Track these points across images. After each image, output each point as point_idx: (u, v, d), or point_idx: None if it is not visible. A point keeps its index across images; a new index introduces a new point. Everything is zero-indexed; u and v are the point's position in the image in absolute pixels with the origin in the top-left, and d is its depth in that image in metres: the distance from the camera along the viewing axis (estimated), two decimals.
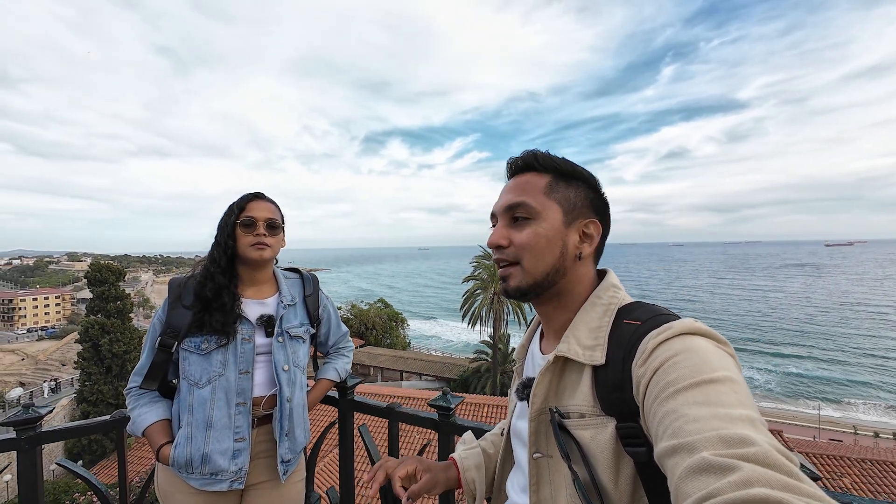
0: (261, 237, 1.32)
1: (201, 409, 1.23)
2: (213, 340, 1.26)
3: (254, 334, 1.32)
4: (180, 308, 1.28)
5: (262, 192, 1.40)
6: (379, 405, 1.61)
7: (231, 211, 1.33)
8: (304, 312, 1.47)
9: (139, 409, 1.27)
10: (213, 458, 1.22)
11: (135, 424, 1.27)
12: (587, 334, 0.69)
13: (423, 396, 13.21)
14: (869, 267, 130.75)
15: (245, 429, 1.27)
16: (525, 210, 0.73)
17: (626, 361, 0.62)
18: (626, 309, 0.70)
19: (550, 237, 0.71)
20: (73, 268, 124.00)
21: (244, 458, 1.26)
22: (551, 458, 0.71)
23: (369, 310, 38.63)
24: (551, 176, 0.74)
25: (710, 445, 0.44)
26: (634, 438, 0.60)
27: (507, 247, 0.74)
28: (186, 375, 1.26)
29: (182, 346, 1.27)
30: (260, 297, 1.39)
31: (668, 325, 0.59)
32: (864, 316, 56.49)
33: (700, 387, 0.50)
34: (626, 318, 0.67)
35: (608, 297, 0.72)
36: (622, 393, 0.62)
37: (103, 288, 19.67)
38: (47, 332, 55.02)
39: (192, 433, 1.23)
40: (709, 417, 0.46)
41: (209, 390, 1.24)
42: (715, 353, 0.55)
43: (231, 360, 1.27)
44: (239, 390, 1.27)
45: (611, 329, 0.68)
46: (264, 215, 1.34)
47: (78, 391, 19.49)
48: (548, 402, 0.72)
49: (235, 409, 1.26)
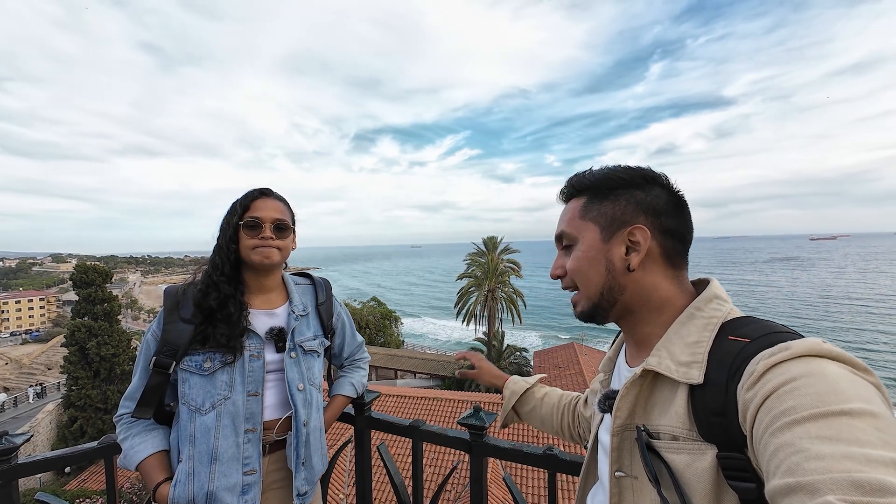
0: (267, 240, 1.16)
1: (204, 440, 1.06)
2: (218, 359, 1.09)
3: (263, 350, 1.16)
4: (178, 322, 1.10)
5: (270, 188, 1.24)
6: (401, 423, 1.46)
7: (234, 210, 1.17)
8: (317, 323, 1.30)
9: (132, 440, 1.09)
10: (219, 497, 1.05)
11: (127, 458, 1.09)
12: (682, 349, 0.62)
13: (419, 395, 13.10)
14: (851, 261, 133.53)
15: (255, 459, 1.11)
16: (567, 237, 0.75)
17: (730, 383, 0.54)
18: (732, 324, 0.61)
19: (591, 257, 0.71)
20: (57, 269, 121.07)
21: (255, 493, 1.10)
22: (636, 479, 0.66)
23: (362, 308, 38.32)
24: (586, 197, 0.74)
25: (839, 489, 0.36)
26: (741, 472, 0.52)
27: (564, 275, 0.75)
28: (187, 400, 1.09)
29: (181, 367, 1.09)
30: (269, 307, 1.23)
31: (786, 344, 0.50)
32: (845, 309, 57.69)
33: (826, 419, 0.41)
34: (732, 335, 0.58)
35: (710, 309, 0.64)
36: (724, 418, 0.54)
37: (90, 290, 19.10)
38: (32, 336, 53.65)
39: (194, 468, 1.05)
40: (837, 456, 0.38)
41: (213, 416, 1.07)
42: (850, 380, 0.45)
43: (238, 380, 1.11)
44: (248, 415, 1.10)
45: (712, 345, 0.60)
46: (271, 215, 1.18)
47: (65, 396, 18.92)
48: (634, 417, 0.67)
49: (244, 436, 1.10)
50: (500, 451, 1.27)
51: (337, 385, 1.43)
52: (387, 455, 1.51)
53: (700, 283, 0.72)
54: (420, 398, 12.81)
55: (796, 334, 0.55)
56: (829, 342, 0.49)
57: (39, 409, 21.07)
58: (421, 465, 1.46)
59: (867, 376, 0.46)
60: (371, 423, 1.51)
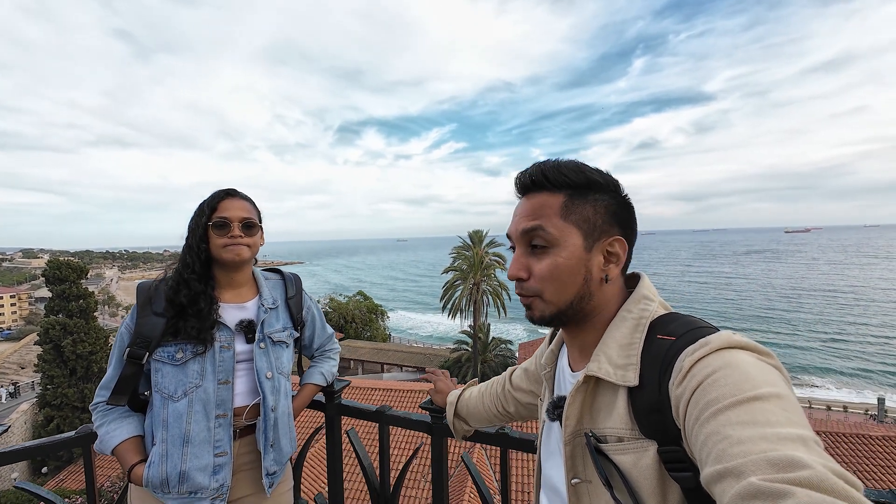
0: (236, 238, 1.23)
1: (177, 424, 1.14)
2: (189, 349, 1.17)
3: (233, 341, 1.23)
4: (151, 315, 1.18)
5: (235, 189, 1.30)
6: (368, 408, 1.56)
7: (202, 211, 1.23)
8: (286, 315, 1.39)
9: (107, 426, 1.17)
10: (191, 476, 1.13)
11: (103, 443, 1.16)
12: (618, 352, 0.65)
13: (406, 388, 13.23)
14: (822, 252, 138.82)
15: (226, 442, 1.19)
16: (542, 237, 0.67)
17: (662, 381, 0.59)
18: (659, 322, 0.65)
19: (572, 266, 0.66)
20: (28, 265, 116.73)
21: (226, 472, 1.19)
22: (591, 484, 0.68)
23: (348, 303, 38.19)
24: (565, 194, 0.67)
25: (759, 469, 0.40)
26: (679, 463, 0.56)
27: (528, 279, 0.69)
28: (160, 388, 1.16)
29: (154, 357, 1.17)
30: (239, 301, 1.30)
31: (705, 339, 0.55)
32: (818, 300, 60.12)
33: (742, 405, 0.46)
34: (661, 333, 0.63)
35: (638, 310, 0.67)
36: (661, 415, 0.58)
37: (63, 286, 18.55)
38: (3, 334, 51.74)
39: (167, 450, 1.13)
40: (755, 438, 0.43)
41: (185, 403, 1.15)
42: (758, 367, 0.51)
43: (209, 369, 1.18)
44: (219, 402, 1.18)
45: (644, 345, 0.63)
46: (239, 215, 1.24)
47: (40, 395, 18.45)
48: (582, 424, 0.68)
49: (215, 421, 1.18)
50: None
51: (307, 374, 1.52)
52: (356, 440, 1.61)
53: (632, 277, 0.74)
54: (407, 391, 12.93)
55: (714, 328, 0.60)
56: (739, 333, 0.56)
57: (13, 410, 20.48)
58: (388, 448, 1.56)
59: (770, 360, 0.53)
60: (341, 409, 1.61)
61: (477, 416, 1.16)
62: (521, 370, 1.07)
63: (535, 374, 1.01)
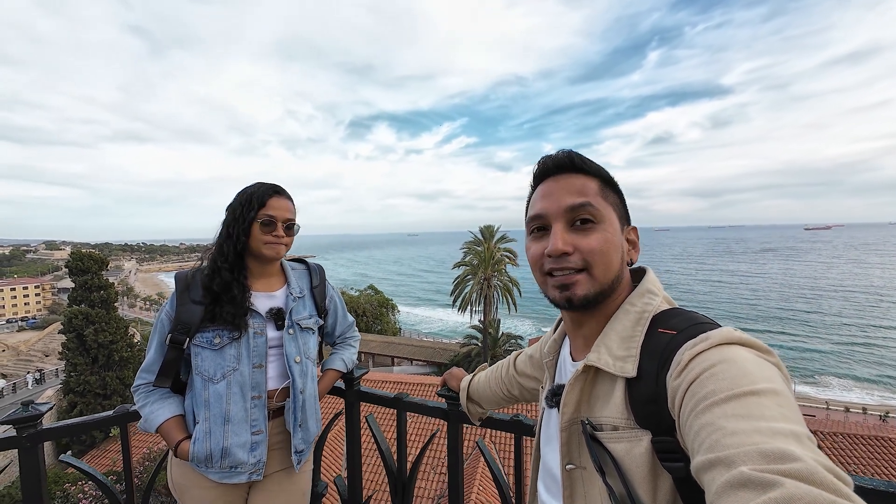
0: (280, 238, 1.30)
1: (218, 404, 1.23)
2: (226, 335, 1.25)
3: (265, 328, 1.31)
4: (189, 303, 1.25)
5: (282, 188, 1.36)
6: (387, 395, 1.62)
7: (250, 205, 1.28)
8: (312, 304, 1.46)
9: (151, 406, 1.25)
10: (233, 452, 1.23)
11: (147, 422, 1.25)
12: (618, 344, 0.67)
13: (417, 381, 13.36)
14: (844, 250, 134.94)
15: (262, 421, 1.28)
16: (591, 212, 0.68)
17: (660, 374, 0.60)
18: (661, 317, 0.67)
19: (616, 244, 0.69)
20: (51, 257, 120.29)
21: (262, 449, 1.27)
22: (584, 470, 0.70)
23: (359, 296, 38.53)
24: (599, 180, 0.72)
25: (750, 460, 0.41)
26: (672, 453, 0.58)
27: (572, 254, 0.68)
28: (200, 371, 1.25)
29: (194, 342, 1.25)
30: (269, 290, 1.38)
31: (706, 335, 0.57)
32: (838, 299, 58.56)
33: (739, 399, 0.47)
34: (662, 328, 0.65)
35: (642, 304, 0.69)
36: (657, 406, 0.60)
37: (85, 277, 19.13)
38: (28, 323, 53.69)
39: (210, 428, 1.22)
40: (749, 431, 0.44)
41: (224, 385, 1.24)
42: (756, 363, 0.52)
43: (244, 354, 1.26)
44: (254, 384, 1.27)
45: (644, 338, 0.65)
46: (284, 215, 1.31)
47: (64, 382, 19.12)
48: (579, 412, 0.71)
49: (251, 402, 1.26)
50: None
51: (329, 360, 1.58)
52: (374, 425, 1.67)
53: (637, 272, 0.77)
54: (417, 384, 13.08)
55: (715, 324, 0.62)
56: (739, 330, 0.57)
57: (39, 395, 21.28)
58: (405, 433, 1.62)
59: (770, 357, 0.54)
60: (360, 396, 1.67)
61: (487, 399, 1.23)
62: (526, 356, 1.11)
63: (538, 362, 1.04)
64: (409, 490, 1.59)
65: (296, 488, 1.39)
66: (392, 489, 1.61)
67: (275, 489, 1.34)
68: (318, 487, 1.71)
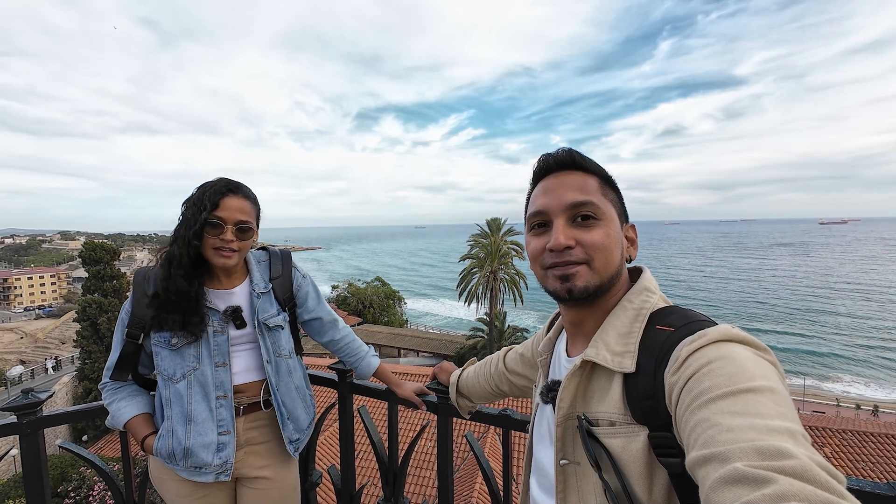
0: (227, 243, 1.17)
1: (179, 404, 1.19)
2: (183, 335, 1.19)
3: (227, 325, 1.25)
4: (146, 301, 1.20)
5: (239, 184, 1.23)
6: (378, 387, 1.63)
7: (202, 205, 1.14)
8: (274, 298, 1.37)
9: (117, 403, 1.24)
10: (195, 452, 1.18)
11: (114, 419, 1.24)
12: (617, 340, 0.67)
13: (421, 372, 13.48)
14: (858, 246, 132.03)
15: (229, 421, 1.23)
16: (592, 209, 0.70)
17: (657, 370, 0.61)
18: (659, 314, 0.68)
19: (617, 239, 0.71)
20: (66, 247, 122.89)
21: (229, 450, 1.23)
22: (579, 466, 0.70)
23: (366, 288, 38.81)
24: (598, 178, 0.74)
25: (745, 456, 0.42)
26: (668, 448, 0.58)
27: (575, 247, 0.69)
28: (160, 370, 1.22)
29: (151, 341, 1.21)
30: (229, 287, 1.30)
31: (703, 332, 0.57)
32: (851, 295, 57.47)
33: (736, 396, 0.47)
34: (659, 324, 0.65)
35: (640, 301, 0.70)
36: (654, 402, 0.60)
37: (98, 267, 19.58)
38: (45, 311, 55.09)
39: (172, 427, 1.19)
40: (744, 428, 0.44)
41: (185, 385, 1.20)
42: (753, 361, 0.52)
43: (205, 353, 1.21)
44: (217, 383, 1.22)
45: (642, 335, 0.66)
46: (234, 217, 1.17)
47: (79, 369, 19.70)
48: (575, 407, 0.71)
49: (216, 402, 1.22)
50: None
51: (364, 366, 1.55)
52: (367, 416, 1.68)
53: (634, 271, 0.78)
54: (423, 376, 13.19)
55: (712, 322, 0.62)
56: (737, 327, 0.57)
57: (56, 382, 21.91)
58: (396, 425, 1.63)
59: (767, 356, 0.54)
60: (352, 388, 1.69)
61: (476, 394, 1.24)
62: (517, 354, 1.10)
63: (530, 360, 1.03)
64: (400, 480, 1.61)
65: (285, 485, 1.37)
66: (383, 479, 1.63)
67: (264, 486, 1.32)
68: (312, 477, 1.74)
